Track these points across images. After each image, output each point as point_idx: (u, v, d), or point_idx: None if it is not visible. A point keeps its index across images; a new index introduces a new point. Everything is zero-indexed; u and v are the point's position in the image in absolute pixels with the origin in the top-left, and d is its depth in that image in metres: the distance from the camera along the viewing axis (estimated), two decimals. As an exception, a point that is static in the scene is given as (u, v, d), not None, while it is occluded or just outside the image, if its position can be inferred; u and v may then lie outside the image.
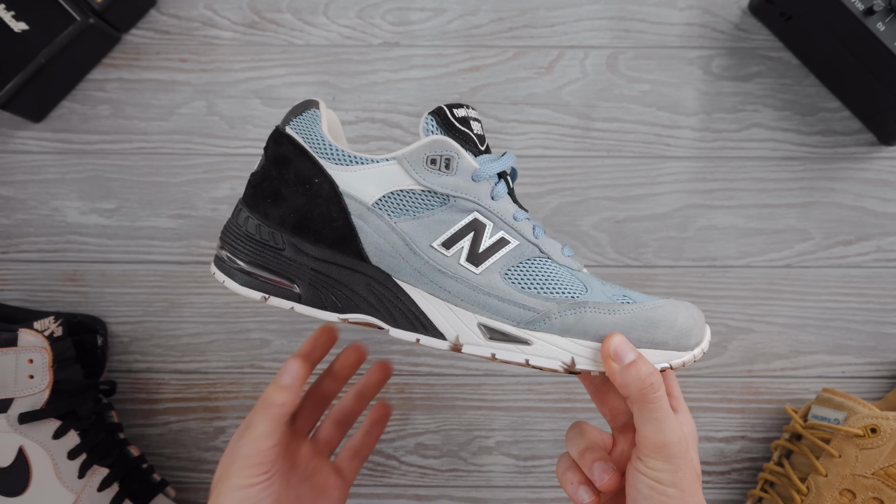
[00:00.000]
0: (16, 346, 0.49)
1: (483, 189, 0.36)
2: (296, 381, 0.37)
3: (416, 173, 0.35)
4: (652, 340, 0.35)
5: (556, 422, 0.59)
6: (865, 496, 0.49)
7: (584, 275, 0.37)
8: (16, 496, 0.49)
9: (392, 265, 0.36)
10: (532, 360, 0.35)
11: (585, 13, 0.60)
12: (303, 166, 0.37)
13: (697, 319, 0.37)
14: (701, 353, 0.37)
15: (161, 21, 0.60)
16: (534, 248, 0.36)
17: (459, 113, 0.36)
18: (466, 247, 0.36)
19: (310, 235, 0.37)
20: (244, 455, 0.36)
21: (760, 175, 0.59)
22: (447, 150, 0.35)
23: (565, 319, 0.35)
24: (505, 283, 0.35)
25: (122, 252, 0.59)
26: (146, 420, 0.59)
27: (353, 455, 0.45)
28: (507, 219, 0.36)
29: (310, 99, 0.38)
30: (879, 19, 0.51)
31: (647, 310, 0.35)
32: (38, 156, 0.59)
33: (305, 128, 0.37)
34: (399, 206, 0.36)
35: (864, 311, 0.59)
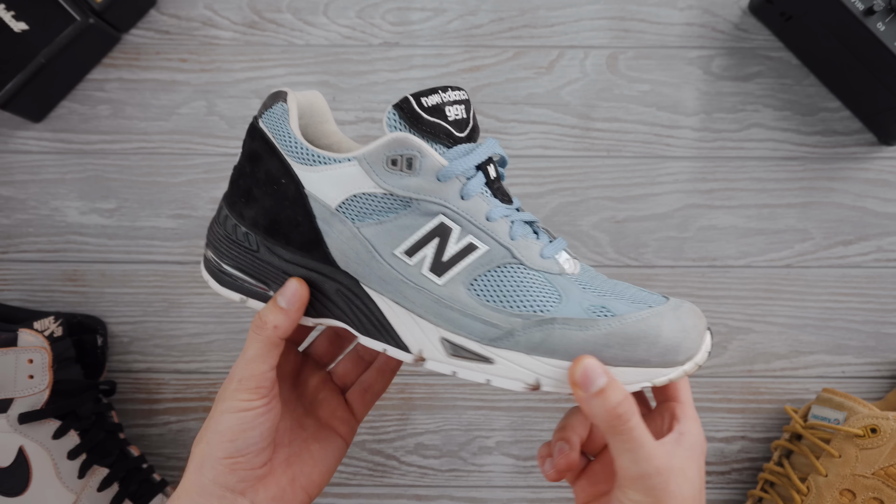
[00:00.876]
0: (16, 346, 0.49)
1: (451, 189, 0.32)
2: (292, 304, 0.34)
3: (376, 175, 0.32)
4: (631, 359, 0.32)
5: (555, 422, 0.59)
6: (865, 496, 0.48)
7: (566, 278, 0.34)
8: (16, 496, 0.49)
9: (359, 271, 0.34)
10: (494, 380, 0.33)
11: (585, 13, 0.60)
12: (272, 165, 0.34)
13: (690, 330, 0.33)
14: (695, 367, 0.33)
15: (161, 21, 0.60)
16: (505, 253, 0.33)
17: (430, 101, 0.33)
18: (430, 255, 0.33)
19: (280, 238, 0.34)
20: (239, 378, 0.34)
21: (760, 175, 0.59)
22: (408, 148, 0.32)
23: (531, 337, 0.32)
24: (469, 296, 0.33)
25: (121, 252, 0.59)
26: (146, 420, 0.59)
27: (365, 390, 0.42)
28: (477, 220, 0.33)
29: (279, 90, 0.35)
30: (879, 19, 0.51)
31: (627, 325, 0.32)
32: (37, 156, 0.59)
33: (275, 122, 0.34)
34: (362, 210, 0.33)
35: (865, 311, 0.59)
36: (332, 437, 0.39)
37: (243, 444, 0.34)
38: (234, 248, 0.36)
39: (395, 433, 0.59)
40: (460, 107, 0.34)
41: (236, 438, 0.34)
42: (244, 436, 0.34)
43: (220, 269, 0.36)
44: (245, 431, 0.34)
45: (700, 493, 0.34)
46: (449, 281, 0.33)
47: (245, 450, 0.34)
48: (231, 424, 0.33)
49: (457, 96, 0.34)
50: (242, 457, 0.34)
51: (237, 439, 0.34)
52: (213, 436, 0.34)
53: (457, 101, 0.34)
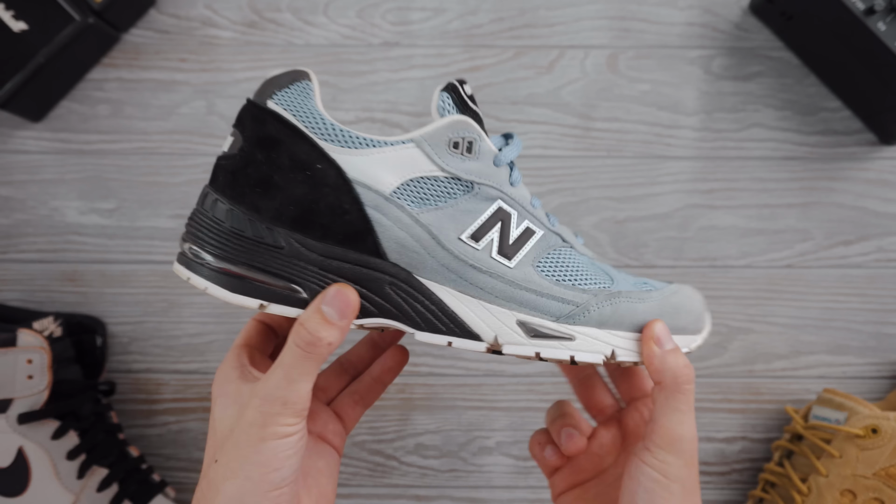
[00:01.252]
0: (15, 347, 0.49)
1: (503, 175, 0.33)
2: (346, 315, 0.31)
3: (438, 158, 0.31)
4: (675, 325, 0.35)
5: (556, 422, 0.59)
6: (866, 496, 0.48)
7: (601, 263, 0.36)
8: (15, 496, 0.49)
9: (414, 262, 0.32)
10: (577, 356, 0.33)
11: (585, 13, 0.60)
12: (299, 149, 0.31)
13: (703, 302, 0.38)
14: (706, 335, 0.37)
15: (160, 21, 0.60)
16: (556, 238, 0.34)
17: (468, 90, 0.33)
18: (496, 238, 0.33)
19: (315, 230, 0.31)
20: (284, 401, 0.30)
21: (761, 175, 0.59)
22: (469, 132, 0.32)
23: (602, 311, 0.34)
24: (540, 277, 0.33)
25: (121, 252, 0.59)
26: (146, 420, 0.59)
27: (357, 400, 0.40)
28: (527, 206, 0.34)
29: (297, 69, 0.33)
30: (880, 19, 0.51)
31: (668, 295, 0.36)
32: (37, 155, 0.59)
33: (296, 103, 0.31)
34: (421, 194, 0.31)
35: (865, 312, 0.59)
36: (327, 450, 0.37)
37: (288, 472, 0.30)
38: (246, 246, 0.31)
39: (395, 433, 0.59)
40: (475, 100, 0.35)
41: (282, 467, 0.30)
42: (288, 463, 0.30)
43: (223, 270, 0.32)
44: (290, 458, 0.30)
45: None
46: (519, 263, 0.33)
47: (289, 478, 0.31)
48: (276, 452, 0.30)
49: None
50: (287, 487, 0.31)
51: (283, 467, 0.30)
52: (255, 468, 0.30)
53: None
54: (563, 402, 0.41)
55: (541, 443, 0.39)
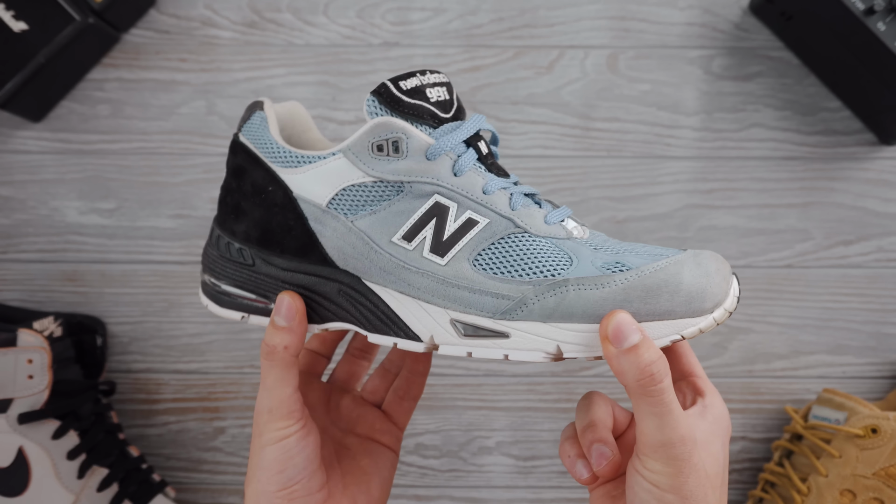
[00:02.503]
0: (15, 347, 0.49)
1: (442, 166, 0.32)
2: (291, 318, 0.33)
3: (363, 164, 0.32)
4: (654, 311, 0.30)
5: (556, 422, 0.59)
6: (866, 496, 0.48)
7: (575, 242, 0.32)
8: (15, 496, 0.49)
9: (358, 267, 0.33)
10: (512, 354, 0.31)
11: (585, 13, 0.60)
12: (257, 175, 0.34)
13: (713, 274, 0.31)
14: (725, 314, 0.31)
15: (160, 21, 0.60)
16: (507, 224, 0.32)
17: (409, 84, 0.32)
18: (429, 236, 0.32)
19: (274, 247, 0.34)
20: (268, 409, 0.33)
21: (761, 175, 0.59)
22: (393, 131, 0.31)
23: (545, 303, 0.31)
24: (474, 272, 0.31)
25: (121, 252, 0.59)
26: (146, 420, 0.59)
27: (402, 396, 0.41)
28: (474, 195, 0.32)
29: (254, 101, 0.35)
30: (880, 19, 0.51)
31: (645, 276, 0.30)
32: (37, 156, 0.59)
33: (255, 132, 0.34)
34: (353, 202, 0.32)
35: (865, 312, 0.59)
36: (378, 450, 0.39)
37: (294, 472, 0.33)
38: (230, 266, 0.35)
39: (395, 433, 0.59)
40: (441, 88, 0.33)
41: (285, 468, 0.33)
42: (291, 463, 0.33)
43: (219, 290, 0.36)
44: (291, 459, 0.33)
45: (723, 472, 0.32)
46: (452, 259, 0.32)
47: (297, 477, 0.33)
48: (276, 456, 0.32)
49: (436, 79, 0.33)
50: (297, 484, 0.33)
51: (286, 469, 0.33)
52: (262, 472, 0.33)
53: (437, 84, 0.33)
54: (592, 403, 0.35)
55: (570, 456, 0.35)
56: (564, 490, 0.59)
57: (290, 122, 0.37)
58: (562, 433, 0.36)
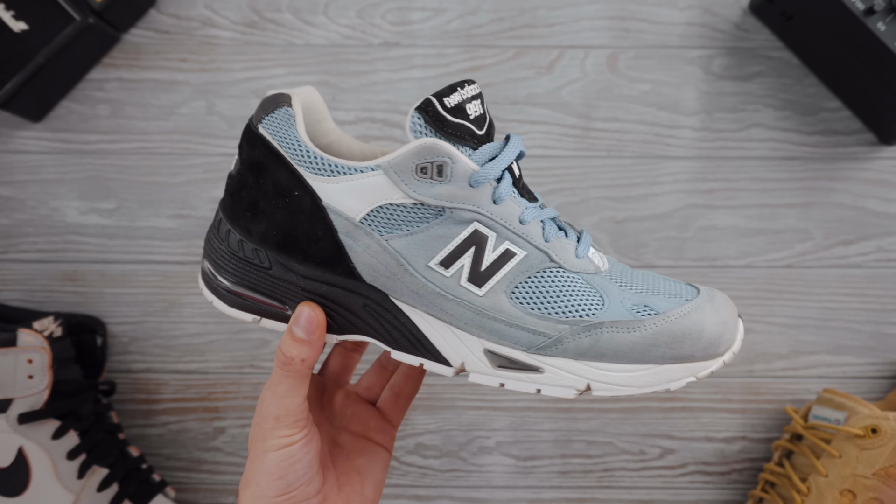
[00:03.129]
0: (15, 347, 0.49)
1: (483, 194, 0.31)
2: (311, 332, 0.32)
3: (405, 185, 0.31)
4: (677, 356, 0.32)
5: (556, 422, 0.59)
6: (866, 496, 0.48)
7: (602, 277, 0.33)
8: (15, 496, 0.49)
9: (388, 285, 0.32)
10: (544, 389, 0.32)
11: (585, 13, 0.60)
12: (281, 176, 0.32)
13: (728, 322, 0.33)
14: (732, 356, 0.33)
15: (161, 21, 0.60)
16: (543, 257, 0.32)
17: (451, 101, 0.31)
18: (468, 265, 0.31)
19: (296, 254, 0.32)
20: (275, 416, 0.33)
21: (761, 175, 0.59)
22: (439, 155, 0.30)
23: (580, 343, 0.31)
24: (512, 306, 0.32)
25: (121, 252, 0.59)
26: (146, 420, 0.59)
27: (397, 394, 0.41)
28: (512, 225, 0.32)
29: (280, 92, 0.33)
30: (880, 19, 0.51)
31: (671, 322, 0.32)
32: (37, 156, 0.59)
33: (279, 129, 0.32)
34: (390, 221, 0.31)
35: (865, 312, 0.59)
36: (372, 448, 0.39)
37: (293, 479, 0.33)
38: (242, 266, 0.33)
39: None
40: (477, 102, 0.32)
41: (285, 475, 0.33)
42: (292, 470, 0.33)
43: (226, 289, 0.34)
44: (292, 465, 0.33)
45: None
46: (489, 291, 0.32)
47: (296, 483, 0.33)
48: (277, 462, 0.33)
49: (472, 91, 0.32)
50: (295, 490, 0.33)
51: (286, 475, 0.33)
52: (262, 477, 0.33)
53: (474, 97, 0.32)
54: None
55: None
56: (564, 490, 0.59)
57: (306, 109, 0.35)
58: None
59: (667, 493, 0.59)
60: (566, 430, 0.59)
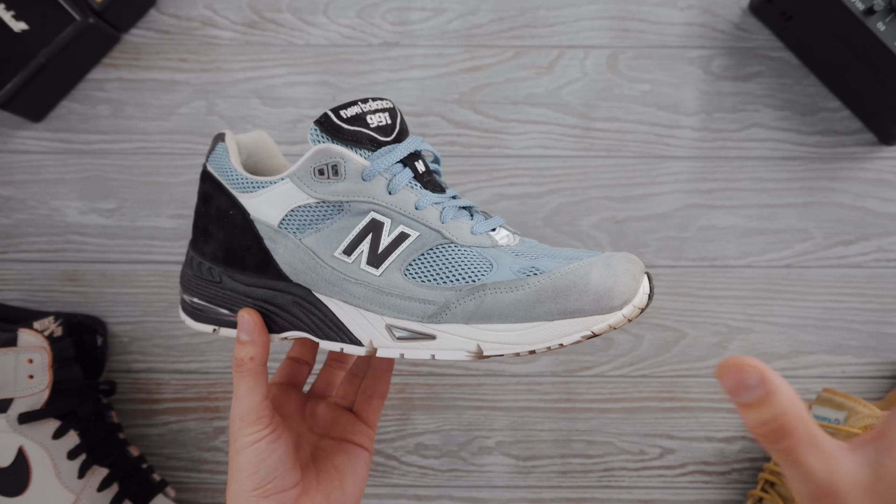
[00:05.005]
0: (15, 346, 0.49)
1: (377, 186, 0.35)
2: (251, 332, 0.37)
3: (307, 187, 0.35)
4: (564, 310, 0.32)
5: (556, 422, 0.59)
6: (866, 496, 0.48)
7: (499, 249, 0.35)
8: (15, 496, 0.49)
9: (308, 280, 0.36)
10: (438, 354, 0.34)
11: (585, 13, 0.60)
12: (221, 200, 0.38)
13: (622, 274, 0.32)
14: (634, 310, 0.32)
15: (161, 21, 0.60)
16: (436, 236, 0.35)
17: (349, 112, 0.35)
18: (366, 250, 0.35)
19: (237, 265, 0.37)
20: (239, 416, 0.37)
21: (760, 175, 0.59)
22: (332, 156, 0.35)
23: (466, 306, 0.33)
24: (405, 280, 0.35)
25: (121, 252, 0.59)
26: (146, 420, 0.59)
27: (370, 395, 0.44)
28: (406, 210, 0.35)
29: (219, 133, 0.39)
30: (879, 19, 0.51)
31: (556, 279, 0.32)
32: (37, 156, 0.59)
33: (218, 162, 0.38)
34: (301, 222, 0.36)
35: (865, 311, 0.59)
36: (351, 449, 0.42)
37: (266, 473, 0.36)
38: (202, 284, 0.39)
39: (395, 433, 0.59)
40: (384, 114, 0.36)
41: (258, 470, 0.36)
42: (264, 465, 0.36)
43: (194, 306, 0.39)
44: (263, 461, 0.36)
45: None
46: (385, 270, 0.35)
47: (269, 476, 0.36)
48: (249, 459, 0.36)
49: (379, 105, 0.36)
50: (270, 483, 0.36)
51: (259, 470, 0.36)
52: (238, 474, 0.36)
53: (379, 110, 0.36)
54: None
55: None
56: (564, 490, 0.59)
57: (256, 149, 0.41)
58: None
59: (667, 492, 0.59)
60: (566, 430, 0.59)
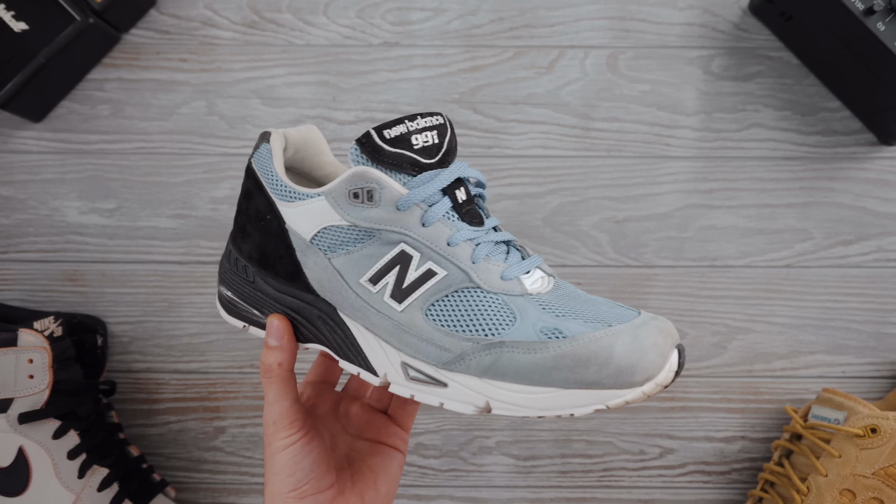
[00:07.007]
0: (16, 346, 0.49)
1: (411, 217, 0.33)
2: (280, 338, 0.37)
3: (340, 209, 0.34)
4: (581, 381, 0.31)
5: (556, 422, 0.59)
6: (865, 496, 0.48)
7: (527, 300, 0.33)
8: (16, 496, 0.49)
9: (334, 299, 0.35)
10: (446, 403, 0.33)
11: (585, 13, 0.60)
12: (260, 202, 0.37)
13: (648, 350, 0.30)
14: (656, 387, 0.31)
15: (161, 21, 0.60)
16: (463, 277, 0.33)
17: (393, 133, 0.33)
18: (391, 282, 0.34)
19: (269, 270, 0.37)
20: (272, 421, 0.37)
21: (760, 175, 0.59)
22: (367, 181, 0.33)
23: (481, 360, 0.32)
24: (426, 322, 0.33)
25: (121, 252, 0.59)
26: (146, 420, 0.59)
27: (405, 402, 0.44)
28: (437, 246, 0.33)
29: (265, 131, 0.38)
30: (879, 19, 0.51)
31: (577, 347, 0.31)
32: (37, 156, 0.59)
33: (262, 162, 0.37)
34: (332, 241, 0.35)
35: (865, 311, 0.59)
36: (385, 451, 0.42)
37: (302, 475, 0.36)
38: (237, 280, 0.39)
39: (395, 433, 0.59)
40: (431, 133, 0.34)
41: (294, 472, 0.36)
42: (299, 467, 0.36)
43: (228, 300, 0.39)
44: (298, 463, 0.36)
45: None
46: (408, 307, 0.34)
47: (305, 479, 0.36)
48: (284, 461, 0.36)
49: (427, 123, 0.34)
50: (306, 485, 0.37)
51: (295, 472, 0.36)
52: (274, 476, 0.37)
53: (427, 128, 0.34)
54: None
55: None
56: (564, 490, 0.59)
57: (304, 145, 0.40)
58: None
59: (666, 492, 0.59)
60: (566, 430, 0.59)
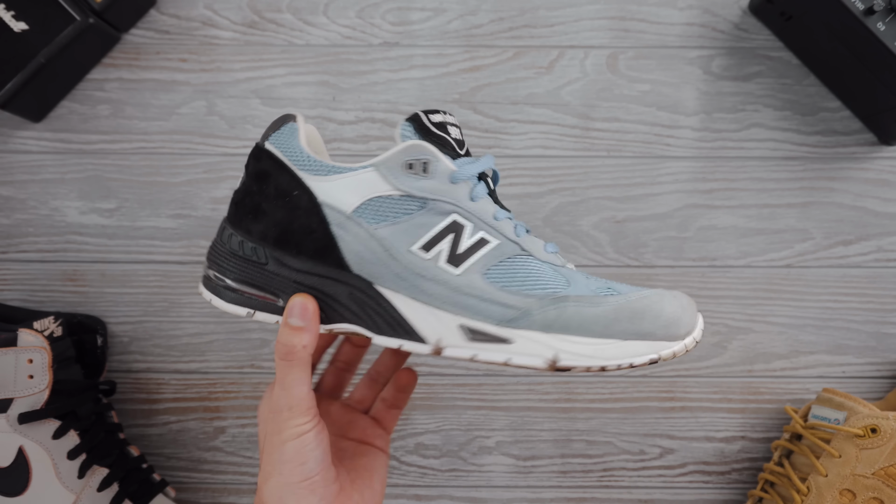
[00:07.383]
0: (15, 346, 0.49)
1: (462, 191, 0.36)
2: (306, 318, 0.36)
3: (393, 178, 0.36)
4: (638, 332, 0.35)
5: (556, 422, 0.59)
6: (866, 496, 0.48)
7: (569, 270, 0.37)
8: (15, 496, 0.49)
9: (373, 272, 0.36)
10: (513, 358, 0.35)
11: (585, 13, 0.60)
12: (282, 180, 0.37)
13: (687, 308, 0.36)
14: (693, 342, 0.36)
15: (161, 21, 0.60)
16: (515, 247, 0.36)
17: (436, 118, 0.37)
18: (446, 249, 0.36)
19: (291, 248, 0.37)
20: (288, 407, 0.35)
21: (760, 175, 0.59)
22: (424, 154, 0.36)
23: (547, 315, 0.35)
24: (485, 283, 0.35)
25: (121, 252, 0.59)
26: (146, 420, 0.59)
27: (390, 405, 0.45)
28: (486, 219, 0.36)
29: (287, 113, 0.39)
30: (879, 19, 0.51)
31: (633, 301, 0.35)
32: (37, 156, 0.59)
33: (284, 141, 0.37)
34: (378, 212, 0.36)
35: (865, 311, 0.59)
36: (371, 451, 0.42)
37: (314, 464, 0.36)
38: (240, 263, 0.38)
39: (395, 433, 0.59)
40: (457, 129, 0.38)
41: (306, 461, 0.35)
42: (311, 456, 0.35)
43: (226, 287, 0.38)
44: (311, 451, 0.35)
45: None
46: (465, 270, 0.35)
47: (316, 468, 0.36)
48: (298, 449, 0.35)
49: (453, 120, 0.38)
50: (317, 475, 0.36)
51: (307, 461, 0.35)
52: (284, 466, 0.35)
53: (454, 124, 0.38)
54: None
55: None
56: (564, 490, 0.59)
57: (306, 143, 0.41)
58: None
59: (666, 492, 0.59)
60: (566, 430, 0.59)
